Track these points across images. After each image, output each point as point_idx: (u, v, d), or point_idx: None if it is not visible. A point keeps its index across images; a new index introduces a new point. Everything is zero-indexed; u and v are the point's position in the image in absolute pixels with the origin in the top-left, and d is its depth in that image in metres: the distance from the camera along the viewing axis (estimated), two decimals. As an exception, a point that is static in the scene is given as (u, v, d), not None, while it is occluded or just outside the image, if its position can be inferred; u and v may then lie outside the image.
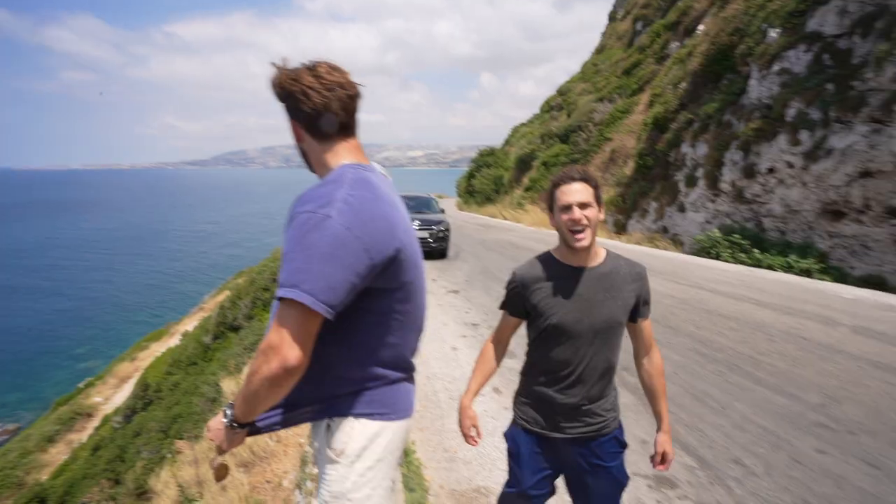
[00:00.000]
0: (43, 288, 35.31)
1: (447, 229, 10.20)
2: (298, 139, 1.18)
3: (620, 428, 1.50)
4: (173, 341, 14.60)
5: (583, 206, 1.34)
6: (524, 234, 14.35)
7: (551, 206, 1.43)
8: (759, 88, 9.57)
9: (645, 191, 13.66)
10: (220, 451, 1.13)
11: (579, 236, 1.34)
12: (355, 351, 1.10)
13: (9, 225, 69.86)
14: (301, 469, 3.22)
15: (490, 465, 2.65)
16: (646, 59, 18.63)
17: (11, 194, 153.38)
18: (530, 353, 1.52)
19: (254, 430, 1.11)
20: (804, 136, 8.21)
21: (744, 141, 9.56)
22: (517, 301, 1.49)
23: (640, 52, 19.51)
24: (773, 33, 9.52)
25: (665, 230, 12.31)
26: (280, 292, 0.95)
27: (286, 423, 1.14)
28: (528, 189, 20.59)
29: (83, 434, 11.83)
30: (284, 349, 0.94)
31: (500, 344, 1.59)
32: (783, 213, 8.83)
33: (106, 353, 21.12)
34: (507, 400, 3.49)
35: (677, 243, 11.46)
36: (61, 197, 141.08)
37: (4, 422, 17.05)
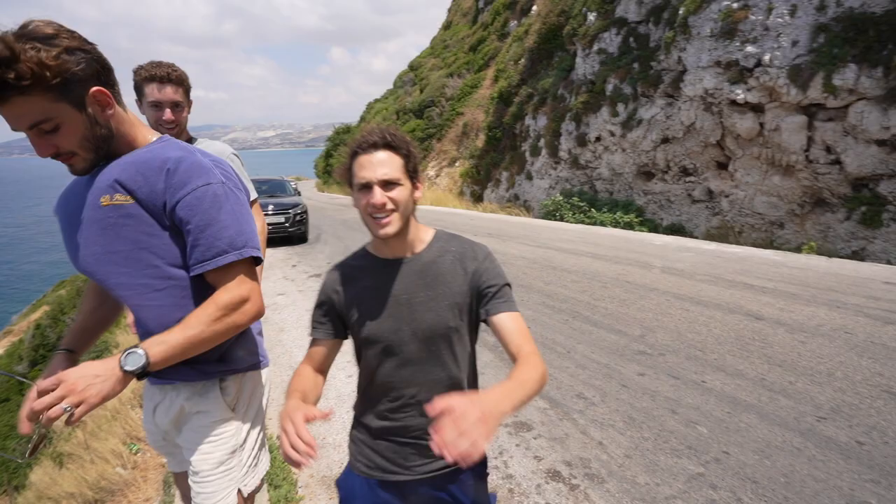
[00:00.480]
0: None
1: (304, 212, 9.79)
2: (107, 107, 1.03)
3: (484, 457, 1.20)
4: (-29, 377, 11.77)
5: (387, 184, 1.01)
6: (389, 211, 14.38)
7: (350, 178, 1.07)
8: (584, 66, 10.78)
9: (496, 162, 14.63)
10: (73, 412, 0.89)
11: (383, 221, 1.02)
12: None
13: None
14: (166, 491, 2.91)
15: None
16: (489, 36, 19.63)
17: None
18: (358, 377, 1.20)
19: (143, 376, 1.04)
20: (620, 108, 9.51)
21: (575, 113, 10.74)
22: (330, 317, 1.14)
23: (483, 30, 20.48)
24: (591, 16, 10.71)
25: (517, 197, 13.39)
26: (237, 254, 1.07)
27: (186, 376, 1.16)
28: (389, 166, 20.60)
29: None
30: (256, 299, 1.11)
31: (320, 373, 1.18)
32: (610, 176, 10.21)
33: None
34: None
35: (528, 209, 12.56)
36: None
37: None
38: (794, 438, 2.32)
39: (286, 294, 5.81)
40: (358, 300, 1.11)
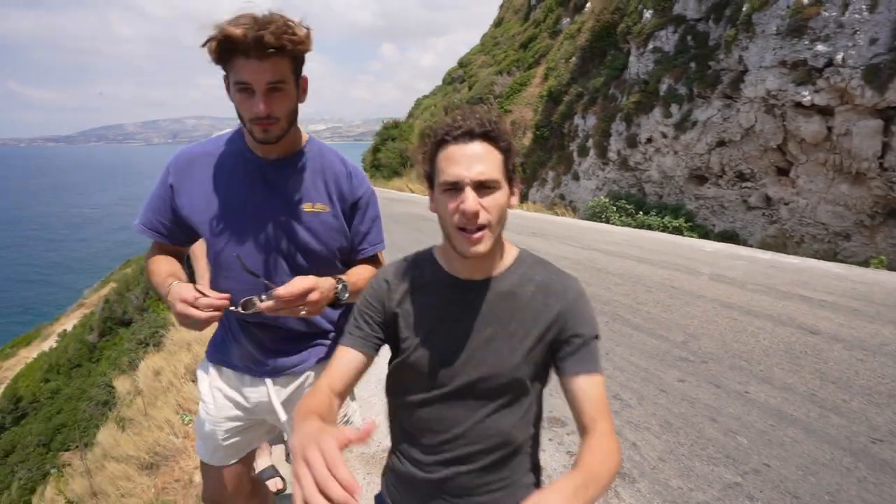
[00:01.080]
0: None
1: None
2: (304, 92, 1.15)
3: None
4: (48, 344, 12.93)
5: (482, 186, 0.80)
6: (433, 207, 14.54)
7: (431, 174, 0.86)
8: (638, 65, 10.48)
9: (543, 161, 14.47)
10: (308, 312, 1.09)
11: (474, 237, 0.80)
12: None
13: None
14: None
15: None
16: (541, 33, 19.38)
17: None
18: (388, 400, 1.01)
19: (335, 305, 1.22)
20: (674, 109, 9.18)
21: (626, 113, 10.46)
22: (370, 327, 0.93)
23: (535, 27, 20.24)
24: (647, 14, 10.40)
25: (562, 197, 13.21)
26: (383, 245, 1.37)
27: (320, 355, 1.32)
28: (434, 162, 20.75)
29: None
30: None
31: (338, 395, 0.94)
32: (660, 178, 9.90)
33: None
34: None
35: (573, 210, 12.37)
36: None
37: None
38: (843, 458, 2.22)
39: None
40: (414, 318, 0.91)
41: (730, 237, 8.20)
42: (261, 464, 2.24)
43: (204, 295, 1.04)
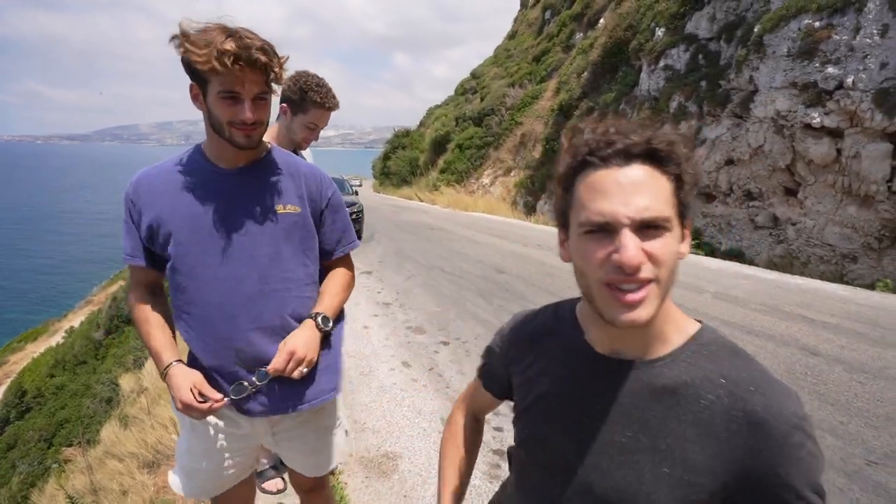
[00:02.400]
0: None
1: (360, 211, 10.17)
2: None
3: None
4: (55, 340, 13.09)
5: (648, 226, 0.57)
6: (438, 215, 14.64)
7: (565, 210, 0.65)
8: (648, 81, 10.55)
9: (552, 174, 14.50)
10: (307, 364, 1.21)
11: (633, 297, 0.57)
12: None
13: None
14: None
15: (398, 433, 2.83)
16: (554, 47, 19.55)
17: None
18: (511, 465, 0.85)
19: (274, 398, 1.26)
20: (683, 126, 9.22)
21: (635, 129, 10.50)
22: (495, 370, 0.83)
23: (548, 41, 20.42)
24: (659, 32, 10.48)
25: (569, 211, 13.23)
26: (357, 243, 1.40)
27: (325, 394, 1.34)
28: (443, 171, 20.88)
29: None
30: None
31: (472, 418, 0.92)
32: (666, 195, 9.91)
33: (-32, 358, 18.33)
34: (416, 372, 3.68)
35: (579, 223, 12.38)
36: None
37: None
38: (837, 478, 2.22)
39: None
40: (531, 388, 0.73)
41: (736, 255, 8.18)
42: (261, 463, 2.25)
43: (202, 395, 1.15)
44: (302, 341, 1.19)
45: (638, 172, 0.58)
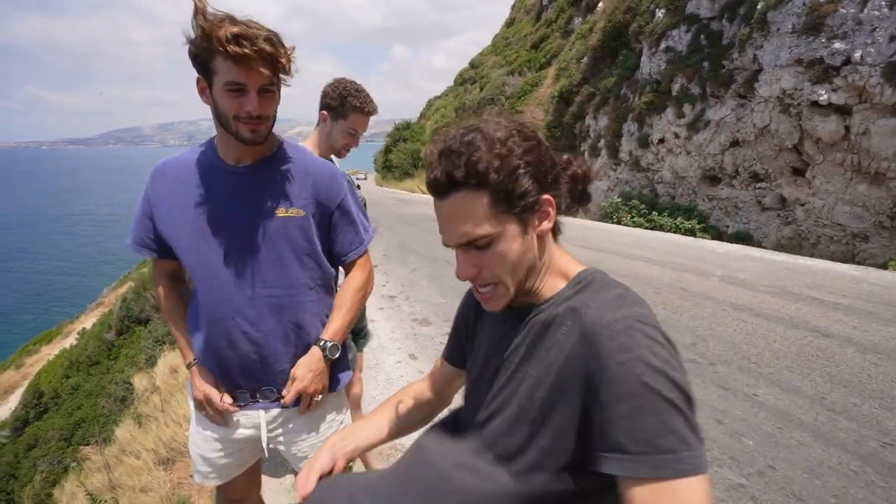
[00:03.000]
0: None
1: (364, 205, 10.19)
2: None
3: None
4: (68, 342, 13.25)
5: (473, 246, 0.69)
6: (444, 207, 14.59)
7: None
8: (650, 64, 10.39)
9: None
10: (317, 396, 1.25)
11: (482, 296, 0.74)
12: None
13: None
14: None
15: None
16: (552, 33, 19.32)
17: None
18: None
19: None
20: (687, 109, 9.10)
21: (638, 113, 10.39)
22: (454, 338, 0.97)
23: (546, 27, 20.18)
24: (660, 13, 10.31)
25: (573, 199, 13.15)
26: (363, 248, 1.34)
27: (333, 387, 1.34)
28: (446, 163, 20.83)
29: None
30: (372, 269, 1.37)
31: (432, 392, 1.01)
32: (672, 179, 9.81)
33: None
34: (422, 364, 3.68)
35: (585, 211, 12.30)
36: None
37: None
38: (851, 461, 2.20)
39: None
40: (474, 341, 0.87)
41: (744, 238, 8.10)
42: None
43: (220, 402, 1.20)
44: (311, 376, 1.21)
45: (450, 203, 0.67)
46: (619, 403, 0.58)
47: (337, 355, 1.25)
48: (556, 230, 0.76)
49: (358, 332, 2.29)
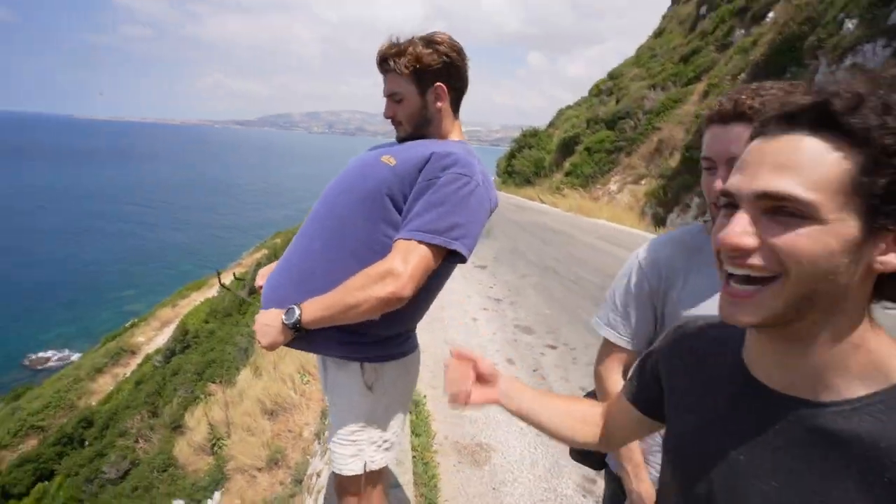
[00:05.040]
0: (101, 231, 37.95)
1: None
2: (439, 100, 1.28)
3: None
4: (212, 292, 15.40)
5: (780, 211, 0.46)
6: (559, 218, 14.22)
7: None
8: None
9: (688, 185, 13.21)
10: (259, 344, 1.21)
11: (733, 291, 0.50)
12: (416, 304, 1.19)
13: (78, 169, 75.39)
14: (321, 421, 3.45)
15: (494, 426, 2.82)
16: (706, 46, 17.72)
17: (80, 141, 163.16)
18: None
19: (297, 339, 1.17)
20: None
21: (802, 139, 9.10)
22: (646, 390, 0.72)
23: (700, 39, 18.56)
24: (850, 24, 8.90)
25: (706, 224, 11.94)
26: (437, 239, 1.09)
27: (328, 349, 1.24)
28: (568, 174, 20.23)
29: (127, 369, 12.78)
30: (405, 279, 1.06)
31: (601, 422, 0.81)
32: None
33: (150, 299, 22.55)
34: (519, 371, 3.60)
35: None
36: (122, 146, 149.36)
37: (61, 350, 18.66)
38: None
39: (453, 278, 6.22)
40: (681, 405, 0.64)
41: None
42: None
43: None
44: (260, 321, 1.18)
45: (792, 141, 0.47)
46: None
47: (291, 321, 1.12)
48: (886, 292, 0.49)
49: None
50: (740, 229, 0.47)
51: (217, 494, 4.07)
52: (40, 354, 18.42)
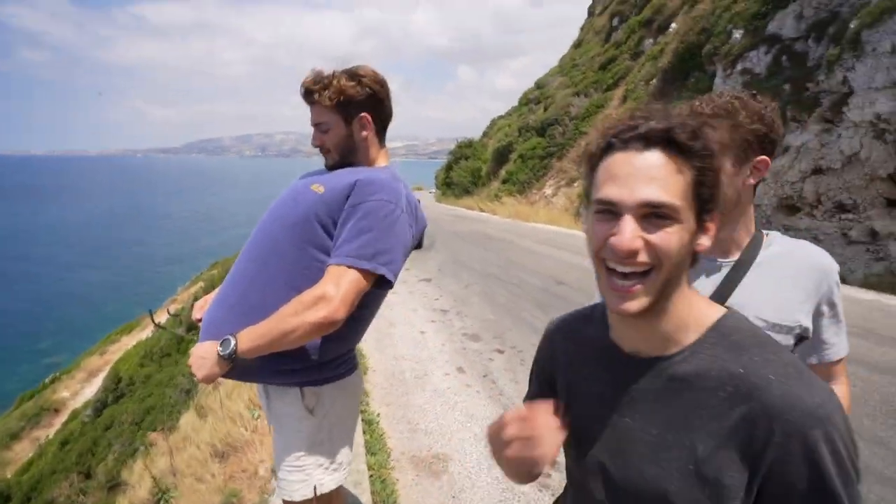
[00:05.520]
0: (9, 275, 34.25)
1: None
2: (364, 129, 1.34)
3: None
4: (145, 334, 14.39)
5: (653, 215, 0.58)
6: (498, 225, 14.58)
7: (588, 189, 0.64)
8: (724, 87, 9.94)
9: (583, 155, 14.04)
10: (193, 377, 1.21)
11: (621, 286, 0.59)
12: (350, 327, 1.21)
13: None
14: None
15: (449, 435, 2.87)
16: (621, 54, 19.00)
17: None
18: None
19: (234, 370, 1.17)
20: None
21: (709, 137, 9.92)
22: (541, 380, 0.83)
23: (615, 48, 19.88)
24: (737, 34, 9.89)
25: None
26: (365, 265, 1.14)
27: (265, 377, 1.25)
28: (504, 181, 20.83)
29: (50, 430, 11.61)
30: (337, 304, 1.10)
31: None
32: (744, 206, 9.24)
33: (72, 348, 20.63)
34: (470, 378, 3.68)
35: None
36: (30, 182, 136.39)
37: (-33, 417, 16.60)
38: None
39: (398, 293, 6.26)
40: (570, 390, 0.74)
41: (825, 273, 7.46)
42: None
43: None
44: (195, 354, 1.19)
45: (653, 158, 0.58)
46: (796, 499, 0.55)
47: (226, 352, 1.13)
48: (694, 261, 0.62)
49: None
50: (630, 234, 0.57)
51: (170, 552, 3.80)
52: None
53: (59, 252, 42.49)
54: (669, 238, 0.57)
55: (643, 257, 0.57)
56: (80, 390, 13.54)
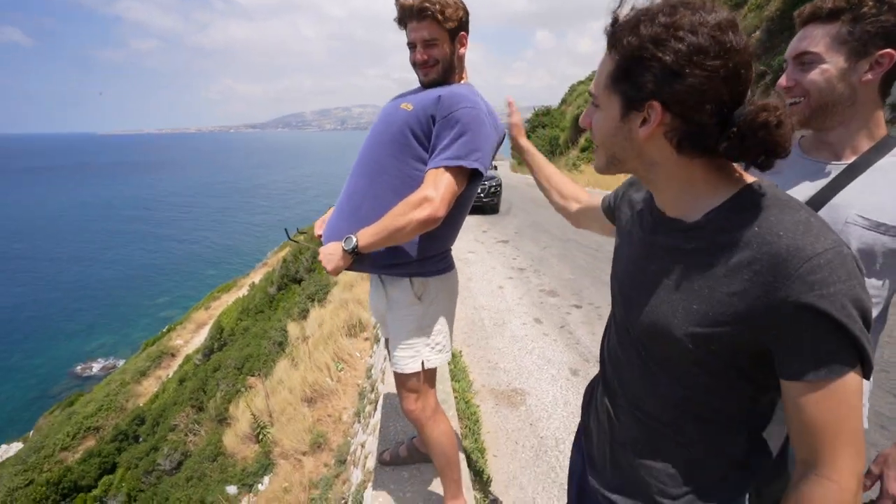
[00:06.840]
0: (141, 238, 39.30)
1: (499, 185, 10.35)
2: (462, 47, 1.46)
3: None
4: (242, 292, 15.88)
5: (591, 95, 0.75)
6: (577, 194, 14.13)
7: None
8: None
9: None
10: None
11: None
12: (444, 227, 1.38)
13: (106, 182, 77.96)
14: (359, 403, 3.65)
15: (527, 375, 3.02)
16: (721, 4, 17.21)
17: (104, 156, 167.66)
18: None
19: (357, 262, 1.39)
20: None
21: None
22: (612, 201, 1.03)
23: (712, -1, 18.02)
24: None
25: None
26: (460, 162, 1.29)
27: (382, 268, 1.45)
28: (584, 149, 20.03)
29: (169, 370, 13.35)
30: (438, 203, 1.27)
31: (577, 203, 1.24)
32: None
33: (182, 304, 23.34)
34: (547, 328, 3.74)
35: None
36: (143, 159, 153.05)
37: (106, 358, 19.57)
38: None
39: (476, 253, 6.42)
40: (621, 230, 0.91)
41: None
42: None
43: None
44: (323, 252, 1.38)
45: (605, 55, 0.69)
46: (804, 339, 0.59)
47: (349, 247, 1.32)
48: (706, 146, 0.65)
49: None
50: (586, 117, 0.75)
51: (267, 479, 4.29)
52: (86, 364, 19.37)
53: (179, 219, 47.80)
54: (595, 120, 0.74)
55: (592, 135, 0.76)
56: (190, 339, 15.35)
